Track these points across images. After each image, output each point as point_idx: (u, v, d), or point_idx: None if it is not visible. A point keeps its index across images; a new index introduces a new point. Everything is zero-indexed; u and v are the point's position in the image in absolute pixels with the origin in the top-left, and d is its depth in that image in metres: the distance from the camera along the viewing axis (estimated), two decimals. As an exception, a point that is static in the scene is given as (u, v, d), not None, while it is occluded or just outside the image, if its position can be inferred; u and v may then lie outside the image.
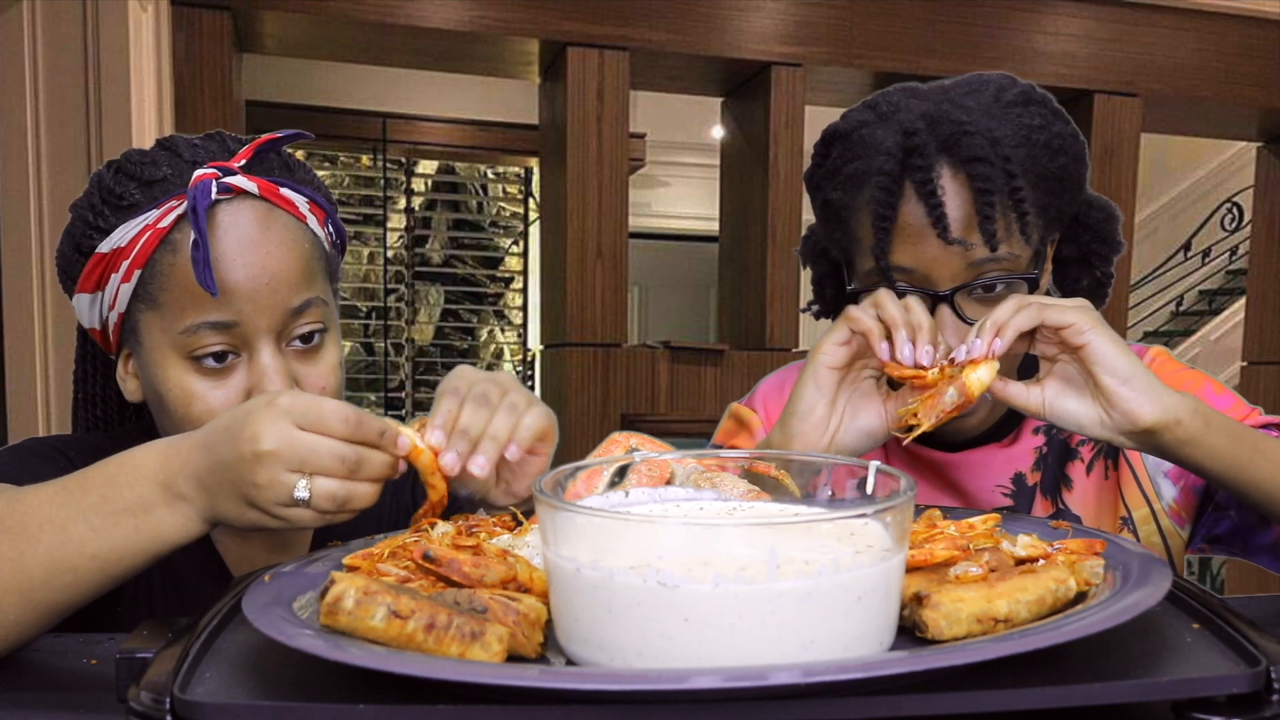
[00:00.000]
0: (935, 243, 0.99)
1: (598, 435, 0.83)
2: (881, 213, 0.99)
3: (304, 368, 0.95)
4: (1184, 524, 1.11)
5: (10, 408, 2.36)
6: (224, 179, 0.90)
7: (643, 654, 0.53)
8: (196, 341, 0.91)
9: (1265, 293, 4.07)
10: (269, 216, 0.93)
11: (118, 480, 0.76)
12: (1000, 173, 0.97)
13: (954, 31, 3.43)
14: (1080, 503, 1.12)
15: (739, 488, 0.71)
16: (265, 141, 0.95)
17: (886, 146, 1.00)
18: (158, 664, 0.57)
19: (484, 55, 3.32)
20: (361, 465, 0.74)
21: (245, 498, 0.73)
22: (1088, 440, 1.13)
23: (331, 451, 0.73)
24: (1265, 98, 3.72)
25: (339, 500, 0.73)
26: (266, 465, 0.72)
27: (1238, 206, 6.47)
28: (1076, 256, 1.12)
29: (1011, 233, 0.99)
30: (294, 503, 0.72)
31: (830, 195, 1.06)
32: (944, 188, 0.98)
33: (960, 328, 1.00)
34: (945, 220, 0.97)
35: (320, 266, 0.98)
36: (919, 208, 0.99)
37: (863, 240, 1.04)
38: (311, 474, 0.72)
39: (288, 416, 0.73)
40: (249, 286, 0.91)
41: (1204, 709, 0.53)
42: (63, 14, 2.32)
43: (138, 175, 0.94)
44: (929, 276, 1.00)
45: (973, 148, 0.97)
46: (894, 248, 1.00)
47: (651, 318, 7.05)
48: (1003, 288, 1.01)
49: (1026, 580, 0.60)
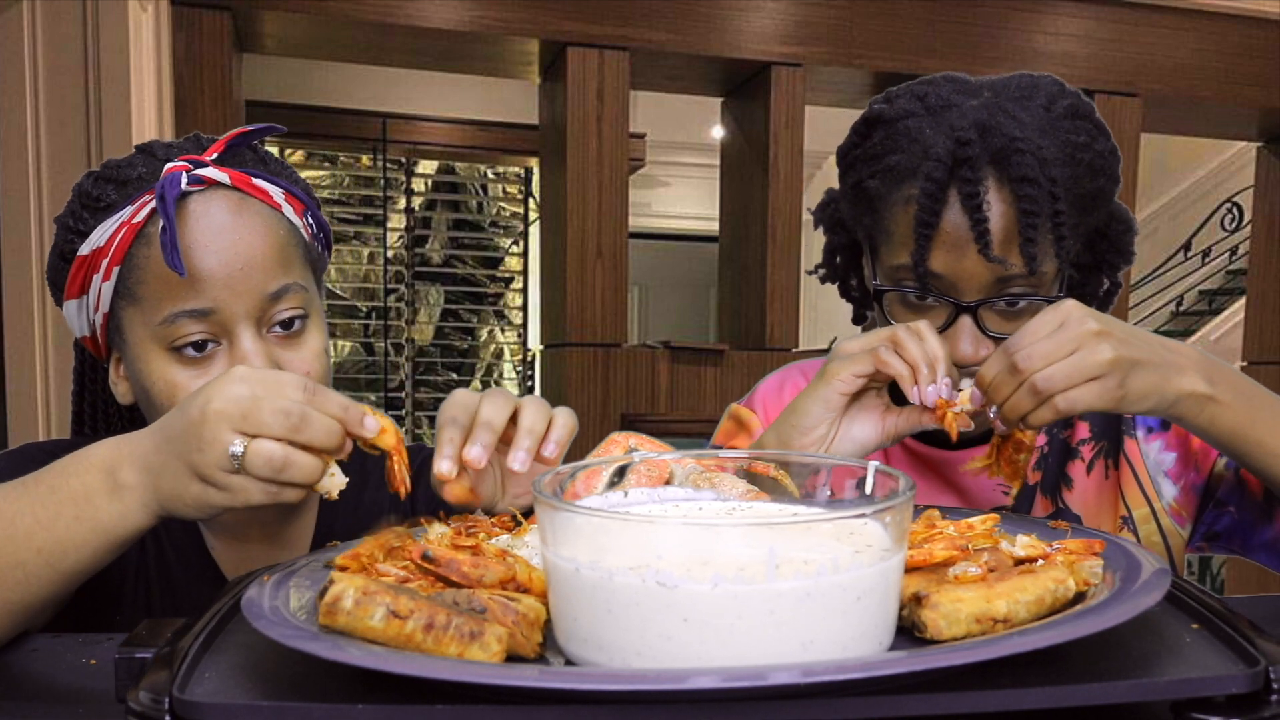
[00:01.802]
0: (973, 256, 0.98)
1: (598, 435, 0.83)
2: (925, 219, 0.98)
3: (286, 354, 0.94)
4: (1184, 523, 1.11)
5: (10, 409, 2.36)
6: (195, 171, 0.91)
7: (642, 654, 0.53)
8: (176, 331, 0.91)
9: (1265, 293, 4.07)
10: (241, 204, 0.93)
11: (67, 470, 0.76)
12: (1046, 195, 0.97)
13: (954, 31, 3.43)
14: (1080, 502, 1.12)
15: (738, 488, 0.71)
16: (237, 135, 0.95)
17: (936, 152, 0.98)
18: (157, 664, 0.57)
19: (484, 55, 3.32)
20: (305, 424, 0.71)
21: (189, 465, 0.71)
22: (1088, 440, 1.13)
23: (275, 407, 0.71)
24: (1265, 98, 3.72)
25: (275, 464, 0.70)
26: (211, 423, 0.70)
27: (1238, 206, 6.47)
28: (1091, 264, 1.12)
29: (1046, 254, 0.99)
30: (231, 466, 0.70)
31: (867, 182, 1.05)
32: (989, 203, 0.97)
33: (976, 337, 1.00)
34: (988, 236, 0.96)
35: (298, 253, 0.97)
36: (962, 219, 0.98)
37: (894, 235, 1.03)
38: (253, 435, 0.70)
39: (243, 382, 0.72)
40: (224, 272, 0.91)
41: (1203, 709, 0.53)
42: (63, 14, 2.32)
43: (114, 178, 0.94)
44: (957, 286, 1.00)
45: (1023, 166, 0.96)
46: (930, 253, 1.00)
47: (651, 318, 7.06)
48: (1024, 304, 1.00)
49: (1025, 580, 0.60)
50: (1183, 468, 1.11)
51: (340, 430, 0.74)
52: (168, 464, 0.73)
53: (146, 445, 0.75)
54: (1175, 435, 1.12)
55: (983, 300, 1.00)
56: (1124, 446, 1.13)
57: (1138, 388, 0.85)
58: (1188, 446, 1.11)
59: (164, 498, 0.74)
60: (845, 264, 1.21)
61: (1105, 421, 1.14)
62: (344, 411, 0.74)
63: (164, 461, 0.73)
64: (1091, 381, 0.84)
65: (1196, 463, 1.10)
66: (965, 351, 1.00)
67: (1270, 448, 0.91)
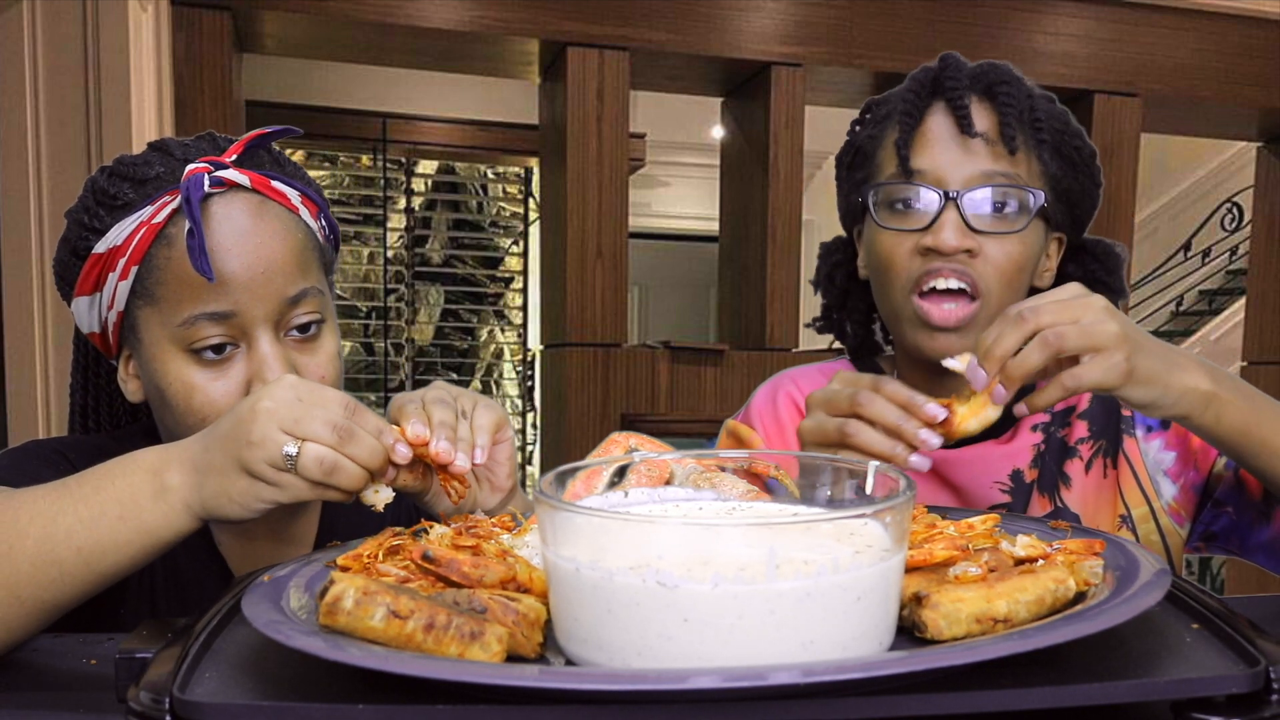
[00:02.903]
0: (954, 146, 1.07)
1: (598, 435, 0.84)
2: (908, 122, 1.09)
3: (302, 358, 0.95)
4: (1183, 523, 1.11)
5: (10, 408, 2.36)
6: (216, 173, 0.91)
7: (642, 654, 0.53)
8: (195, 333, 0.91)
9: (1265, 293, 4.06)
10: (262, 208, 0.94)
11: (113, 471, 0.76)
12: (1024, 100, 1.08)
13: (954, 31, 3.43)
14: (1079, 501, 1.12)
15: (738, 488, 0.71)
16: (256, 137, 0.96)
17: (918, 77, 1.11)
18: (157, 664, 0.57)
19: (484, 55, 3.32)
20: (352, 438, 0.74)
21: (238, 461, 0.73)
22: (1087, 439, 1.13)
23: (325, 418, 0.74)
24: (1265, 98, 3.72)
25: (326, 465, 0.73)
26: (262, 421, 0.73)
27: (1238, 206, 6.47)
28: (1081, 278, 1.13)
29: (1029, 154, 1.08)
30: (283, 464, 0.73)
31: (861, 141, 1.16)
32: (970, 104, 1.07)
33: (961, 228, 1.05)
34: (969, 119, 1.06)
35: (315, 257, 0.98)
36: (945, 118, 1.08)
37: (883, 161, 1.12)
38: (303, 439, 0.73)
39: (292, 389, 0.75)
40: (245, 276, 0.91)
41: (1203, 709, 0.53)
42: (63, 14, 2.32)
43: (131, 175, 0.94)
44: (941, 178, 1.06)
45: (1002, 79, 1.08)
46: (913, 152, 1.08)
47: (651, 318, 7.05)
48: (1013, 209, 1.06)
49: (1026, 580, 0.60)
50: (1182, 466, 1.11)
51: (381, 450, 0.76)
52: (214, 461, 0.74)
53: (194, 448, 0.76)
54: (1175, 434, 1.11)
55: (968, 189, 1.06)
56: (1123, 445, 1.13)
57: (1144, 370, 0.84)
58: (1187, 446, 1.11)
59: (208, 496, 0.75)
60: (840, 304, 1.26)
61: (1105, 420, 1.14)
62: (379, 434, 0.77)
63: (211, 460, 0.75)
64: (1098, 355, 0.82)
65: (1196, 462, 1.11)
66: (949, 240, 1.04)
67: (1274, 447, 0.90)
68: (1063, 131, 1.11)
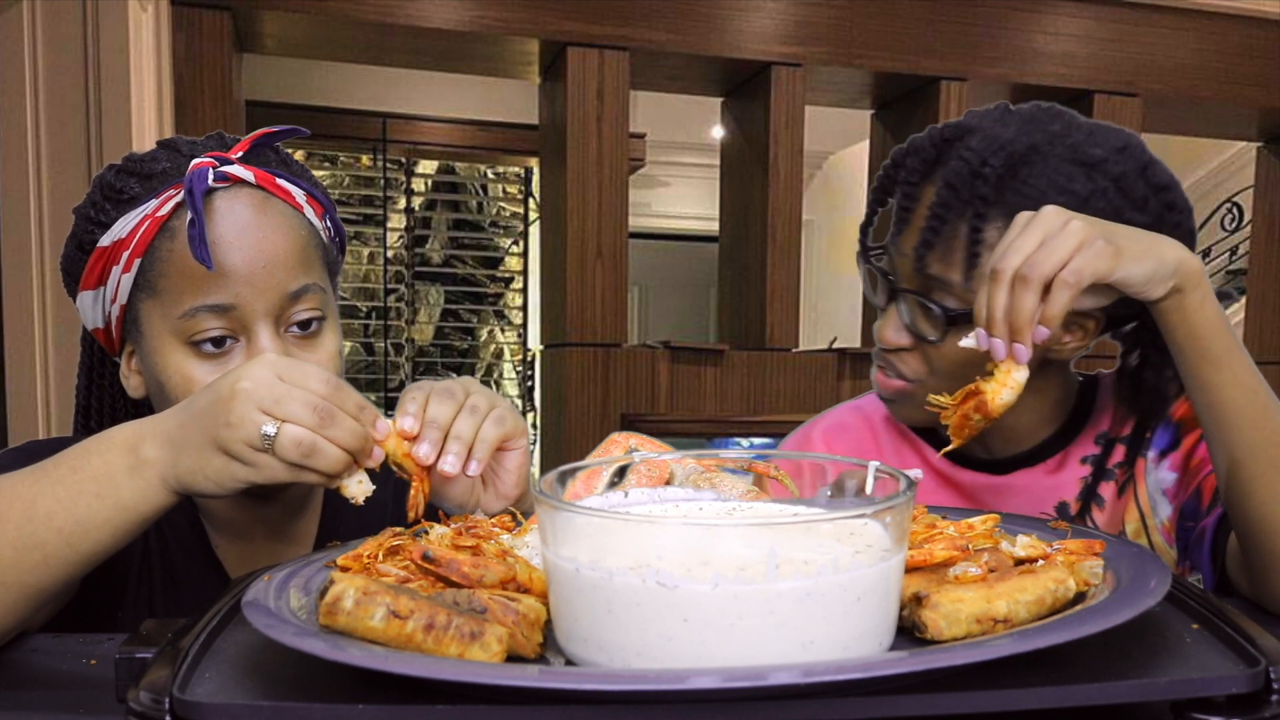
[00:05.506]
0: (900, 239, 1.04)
1: (598, 435, 0.84)
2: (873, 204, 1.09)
3: (303, 354, 0.95)
4: (1174, 543, 1.11)
5: (10, 408, 2.36)
6: (221, 168, 0.91)
7: (642, 654, 0.53)
8: (195, 326, 0.91)
9: (1265, 293, 4.06)
10: (266, 203, 0.94)
11: (89, 449, 0.76)
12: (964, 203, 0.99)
13: (954, 31, 3.43)
14: (1106, 521, 1.11)
15: (738, 488, 0.71)
16: (262, 135, 0.96)
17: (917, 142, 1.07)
18: (157, 664, 0.57)
19: (484, 55, 3.32)
20: (332, 420, 0.73)
21: (214, 440, 0.72)
22: (1123, 463, 1.12)
23: (304, 399, 0.72)
24: (1265, 98, 3.72)
25: (304, 447, 0.72)
26: (240, 401, 0.71)
27: (1238, 206, 6.46)
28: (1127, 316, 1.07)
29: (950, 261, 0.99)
30: (261, 445, 0.71)
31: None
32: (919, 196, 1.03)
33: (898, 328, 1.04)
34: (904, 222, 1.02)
35: (318, 255, 0.98)
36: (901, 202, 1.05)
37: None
38: (282, 420, 0.72)
39: (272, 368, 0.74)
40: (246, 269, 0.91)
41: (1203, 709, 0.53)
42: (63, 14, 2.32)
43: (138, 171, 0.95)
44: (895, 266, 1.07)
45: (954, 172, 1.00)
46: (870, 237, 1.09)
47: (651, 318, 7.05)
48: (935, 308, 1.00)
49: (1026, 580, 0.60)
50: (1179, 487, 1.10)
51: (364, 434, 0.75)
52: (191, 438, 0.73)
53: (170, 422, 0.75)
54: (1181, 454, 1.11)
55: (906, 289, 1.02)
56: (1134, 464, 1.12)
57: (1131, 249, 0.84)
58: (1188, 465, 1.10)
59: (183, 472, 0.74)
60: None
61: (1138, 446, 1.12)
62: (360, 411, 0.76)
63: (187, 436, 0.74)
64: (1080, 250, 0.83)
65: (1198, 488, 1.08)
66: (887, 336, 1.05)
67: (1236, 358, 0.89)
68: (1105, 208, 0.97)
